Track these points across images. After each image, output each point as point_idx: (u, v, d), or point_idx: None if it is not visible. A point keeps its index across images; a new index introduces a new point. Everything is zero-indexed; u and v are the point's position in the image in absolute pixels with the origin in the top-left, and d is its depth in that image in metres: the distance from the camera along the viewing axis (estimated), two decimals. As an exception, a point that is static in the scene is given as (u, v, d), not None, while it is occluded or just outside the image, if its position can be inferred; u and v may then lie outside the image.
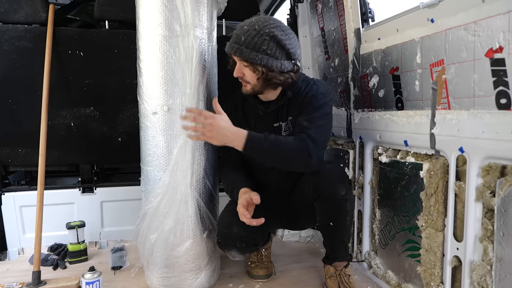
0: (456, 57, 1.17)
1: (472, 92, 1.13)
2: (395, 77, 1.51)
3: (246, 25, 1.33)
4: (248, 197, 1.34)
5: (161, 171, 1.45)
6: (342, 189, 1.39)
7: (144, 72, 1.45)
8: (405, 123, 1.40)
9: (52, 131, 1.91)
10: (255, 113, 1.53)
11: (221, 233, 1.50)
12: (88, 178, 2.09)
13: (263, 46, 1.30)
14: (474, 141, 1.10)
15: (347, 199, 1.41)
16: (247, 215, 1.31)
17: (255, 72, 1.36)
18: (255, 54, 1.31)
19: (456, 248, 1.20)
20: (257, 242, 1.53)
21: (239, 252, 1.51)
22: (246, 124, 1.54)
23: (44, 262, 1.79)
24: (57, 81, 1.93)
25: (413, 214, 1.40)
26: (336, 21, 1.92)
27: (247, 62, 1.34)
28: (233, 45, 1.34)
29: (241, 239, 1.46)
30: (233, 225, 1.44)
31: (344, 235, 1.52)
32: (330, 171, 1.42)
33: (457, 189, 1.18)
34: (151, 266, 1.54)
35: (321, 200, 1.42)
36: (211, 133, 1.27)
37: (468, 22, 1.11)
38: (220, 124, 1.28)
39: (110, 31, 2.04)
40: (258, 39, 1.30)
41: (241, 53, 1.32)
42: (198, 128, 1.27)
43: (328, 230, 1.50)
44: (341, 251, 1.56)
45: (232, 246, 1.49)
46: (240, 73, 1.38)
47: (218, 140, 1.29)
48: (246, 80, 1.39)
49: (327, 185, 1.39)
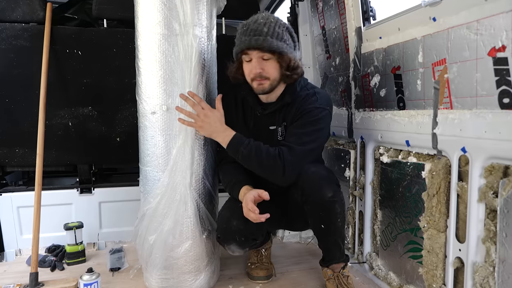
0: (458, 56, 1.17)
1: (474, 92, 1.13)
2: (396, 76, 1.50)
3: (260, 19, 1.34)
4: (256, 193, 1.35)
5: (160, 171, 1.45)
6: (328, 191, 1.38)
7: (143, 71, 1.45)
8: (407, 123, 1.40)
9: (49, 131, 1.90)
10: (253, 113, 1.53)
11: (220, 228, 1.50)
12: (86, 178, 2.09)
13: (284, 37, 1.34)
14: (476, 141, 1.10)
15: (335, 200, 1.40)
16: (256, 211, 1.32)
17: (281, 63, 1.36)
18: (282, 43, 1.33)
19: (458, 249, 1.19)
20: (256, 237, 1.52)
21: (239, 247, 1.50)
22: (244, 124, 1.54)
23: (42, 264, 1.79)
24: (55, 80, 1.93)
25: (415, 215, 1.40)
26: (337, 20, 1.92)
27: (272, 54, 1.34)
28: (255, 37, 1.31)
29: (240, 233, 1.46)
30: (232, 219, 1.45)
31: (337, 237, 1.51)
32: (314, 175, 1.41)
33: (460, 190, 1.18)
34: (150, 267, 1.54)
35: (308, 204, 1.43)
36: (203, 123, 1.39)
37: (470, 21, 1.11)
38: (214, 118, 1.40)
39: (109, 29, 2.04)
40: (279, 30, 1.33)
41: (268, 43, 1.31)
42: (193, 115, 1.38)
43: (321, 233, 1.51)
44: (335, 253, 1.55)
45: (231, 240, 1.49)
46: (260, 69, 1.36)
47: (207, 131, 1.41)
48: (266, 75, 1.37)
49: (312, 189, 1.39)
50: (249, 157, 1.39)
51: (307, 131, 1.40)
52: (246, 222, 1.38)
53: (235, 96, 1.58)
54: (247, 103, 1.55)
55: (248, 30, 1.33)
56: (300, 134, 1.40)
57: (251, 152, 1.38)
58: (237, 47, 1.38)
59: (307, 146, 1.39)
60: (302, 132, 1.40)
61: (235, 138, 1.40)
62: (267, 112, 1.49)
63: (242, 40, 1.34)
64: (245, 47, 1.34)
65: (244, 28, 1.35)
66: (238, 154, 1.40)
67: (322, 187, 1.39)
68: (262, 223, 1.35)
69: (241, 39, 1.35)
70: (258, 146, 1.39)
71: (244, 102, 1.56)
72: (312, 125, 1.41)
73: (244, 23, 1.37)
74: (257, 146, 1.39)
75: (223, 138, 1.41)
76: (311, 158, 1.45)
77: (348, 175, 1.83)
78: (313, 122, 1.41)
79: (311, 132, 1.41)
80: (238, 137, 1.41)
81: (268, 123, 1.50)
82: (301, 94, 1.46)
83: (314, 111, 1.42)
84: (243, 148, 1.39)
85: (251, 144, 1.39)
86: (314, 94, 1.46)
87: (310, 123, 1.41)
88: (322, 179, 1.41)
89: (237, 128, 1.53)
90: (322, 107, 1.44)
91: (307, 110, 1.42)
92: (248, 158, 1.39)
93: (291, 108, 1.46)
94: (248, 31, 1.33)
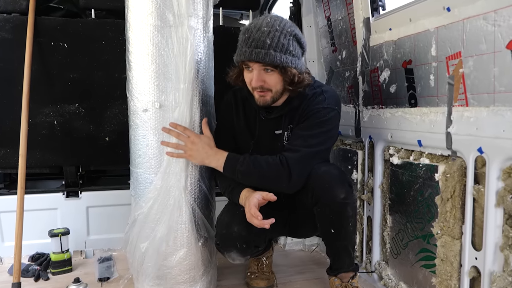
0: (474, 49, 1.17)
1: (492, 88, 1.13)
2: (407, 71, 1.51)
3: (263, 27, 1.30)
4: (260, 196, 1.35)
5: (153, 173, 1.46)
6: (341, 192, 1.38)
7: (133, 66, 1.45)
8: (419, 121, 1.40)
9: (33, 129, 1.91)
10: (257, 117, 1.53)
11: (219, 234, 1.50)
12: (72, 181, 2.09)
13: (290, 48, 1.32)
14: (494, 140, 1.10)
15: (348, 203, 1.40)
16: (259, 216, 1.31)
17: (284, 77, 1.35)
18: (285, 57, 1.31)
19: (474, 258, 1.19)
20: (258, 244, 1.53)
21: (240, 254, 1.50)
22: (247, 128, 1.54)
23: (25, 273, 1.79)
24: (39, 75, 1.93)
25: (427, 221, 1.40)
26: (343, 10, 1.92)
27: (275, 67, 1.33)
28: (257, 50, 1.29)
29: (242, 239, 1.46)
30: (233, 224, 1.45)
31: (348, 243, 1.51)
32: (325, 174, 1.41)
33: (476, 193, 1.18)
34: (142, 277, 1.54)
35: (319, 206, 1.42)
36: (191, 151, 1.41)
37: (487, 11, 1.11)
38: (203, 144, 1.42)
39: (97, 20, 2.04)
40: (284, 40, 1.31)
41: (271, 58, 1.29)
42: (180, 145, 1.40)
43: (330, 238, 1.50)
44: (345, 260, 1.55)
45: (232, 247, 1.48)
46: (261, 81, 1.35)
47: (198, 158, 1.42)
48: (267, 87, 1.37)
49: (323, 189, 1.39)
50: (249, 172, 1.39)
51: (313, 133, 1.40)
52: (248, 227, 1.38)
53: (235, 96, 1.57)
54: (249, 104, 1.53)
55: (250, 40, 1.31)
56: (306, 137, 1.40)
57: (249, 167, 1.39)
58: (237, 56, 1.38)
59: (313, 148, 1.40)
60: (309, 134, 1.40)
61: (229, 158, 1.41)
62: (273, 116, 1.49)
63: (243, 51, 1.33)
64: (246, 58, 1.33)
65: (246, 35, 1.33)
66: (235, 173, 1.40)
67: (334, 187, 1.39)
68: (265, 229, 1.35)
69: (242, 48, 1.34)
70: (255, 158, 1.40)
71: (246, 103, 1.55)
72: (319, 126, 1.41)
73: (247, 28, 1.35)
74: (254, 159, 1.40)
75: (216, 161, 1.42)
76: (320, 157, 1.45)
77: (355, 178, 1.83)
78: (320, 124, 1.41)
79: (318, 134, 1.41)
80: (232, 156, 1.42)
81: (274, 128, 1.50)
82: (307, 93, 1.45)
83: (322, 111, 1.42)
84: (239, 165, 1.39)
85: (247, 159, 1.40)
86: (321, 93, 1.46)
87: (317, 124, 1.41)
88: (334, 178, 1.41)
89: (239, 134, 1.53)
90: (330, 107, 1.44)
91: (314, 110, 1.42)
92: (248, 174, 1.40)
93: (297, 109, 1.46)
94: (250, 42, 1.31)
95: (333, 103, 1.45)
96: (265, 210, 1.35)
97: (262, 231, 1.38)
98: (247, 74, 1.39)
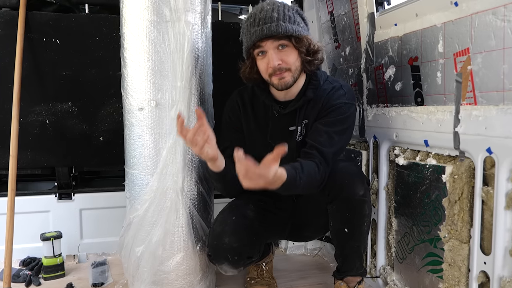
0: (483, 45, 1.17)
1: (501, 85, 1.13)
2: (414, 68, 1.51)
3: (266, 6, 1.34)
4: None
5: (148, 174, 1.46)
6: (361, 189, 1.40)
7: (129, 63, 1.45)
8: (426, 120, 1.40)
9: (24, 129, 1.91)
10: (269, 114, 1.51)
11: (211, 245, 1.49)
12: (65, 182, 2.09)
13: (296, 19, 1.35)
14: (504, 140, 1.10)
15: (366, 200, 1.42)
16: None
17: (299, 49, 1.36)
18: (296, 26, 1.34)
19: (483, 262, 1.19)
20: (251, 255, 1.52)
21: (232, 266, 1.49)
22: (258, 128, 1.53)
23: (16, 278, 1.79)
24: (30, 72, 1.93)
25: (434, 224, 1.40)
26: (347, 5, 1.92)
27: (288, 39, 1.34)
28: (267, 25, 1.31)
29: (233, 251, 1.45)
30: (224, 235, 1.44)
31: (361, 244, 1.52)
32: (345, 170, 1.42)
33: (485, 195, 1.18)
34: (137, 282, 1.54)
35: (335, 203, 1.42)
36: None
37: (497, 6, 1.11)
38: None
39: (91, 16, 2.04)
40: (290, 13, 1.34)
41: (283, 28, 1.31)
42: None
43: (342, 238, 1.50)
44: (355, 263, 1.55)
45: (223, 259, 1.48)
46: (279, 60, 1.35)
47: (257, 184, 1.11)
48: (286, 67, 1.36)
49: (342, 185, 1.39)
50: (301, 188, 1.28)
51: (336, 130, 1.41)
52: (239, 239, 1.37)
53: (241, 96, 1.56)
54: (258, 103, 1.53)
55: (257, 20, 1.33)
56: (330, 133, 1.40)
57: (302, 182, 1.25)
58: (247, 42, 1.38)
59: (336, 146, 1.41)
60: (333, 130, 1.40)
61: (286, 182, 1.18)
62: (287, 111, 1.48)
63: (252, 32, 1.33)
64: (257, 38, 1.33)
65: (251, 19, 1.35)
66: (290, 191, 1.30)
67: (354, 183, 1.40)
68: (259, 239, 1.33)
69: (250, 31, 1.35)
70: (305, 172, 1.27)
71: (254, 102, 1.54)
72: (341, 123, 1.42)
73: (249, 15, 1.37)
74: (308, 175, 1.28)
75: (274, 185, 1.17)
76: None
77: (359, 179, 1.83)
78: (342, 120, 1.42)
79: (341, 131, 1.42)
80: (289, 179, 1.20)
81: (288, 124, 1.49)
82: (325, 87, 1.46)
83: (344, 107, 1.43)
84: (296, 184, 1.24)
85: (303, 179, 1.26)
86: (340, 87, 1.47)
87: (340, 121, 1.42)
88: (354, 174, 1.43)
89: (249, 136, 1.52)
90: (351, 103, 1.46)
91: (336, 105, 1.42)
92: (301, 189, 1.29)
93: (314, 103, 1.45)
94: (256, 22, 1.33)
95: (352, 98, 1.48)
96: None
97: (255, 241, 1.37)
98: (261, 62, 1.39)
